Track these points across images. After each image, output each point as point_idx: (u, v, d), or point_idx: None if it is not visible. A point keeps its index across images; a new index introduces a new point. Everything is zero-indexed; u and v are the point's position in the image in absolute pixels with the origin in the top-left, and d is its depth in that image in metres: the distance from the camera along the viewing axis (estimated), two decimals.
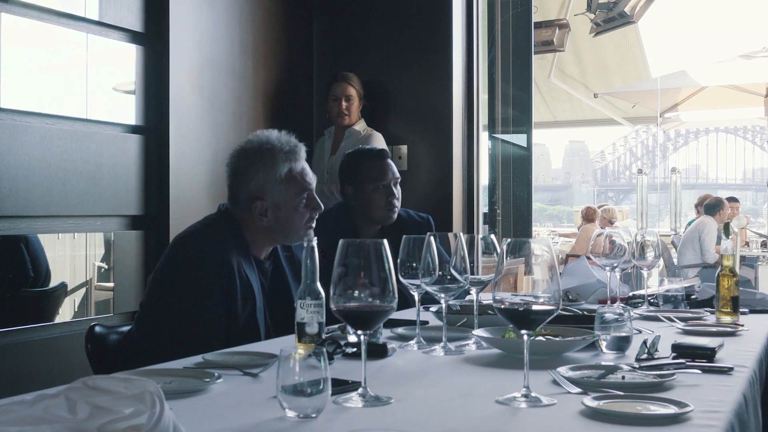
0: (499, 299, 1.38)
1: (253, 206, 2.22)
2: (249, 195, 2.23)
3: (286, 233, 2.26)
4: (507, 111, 5.04)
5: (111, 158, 3.20)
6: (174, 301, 2.10)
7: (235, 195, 2.27)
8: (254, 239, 2.25)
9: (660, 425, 1.23)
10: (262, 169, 2.22)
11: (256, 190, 2.22)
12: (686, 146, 42.99)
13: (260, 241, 2.27)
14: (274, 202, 2.22)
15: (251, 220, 2.23)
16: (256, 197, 2.22)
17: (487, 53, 4.73)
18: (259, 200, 2.22)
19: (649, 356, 1.73)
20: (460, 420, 1.28)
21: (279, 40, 4.15)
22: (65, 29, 3.07)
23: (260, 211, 2.22)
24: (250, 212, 2.23)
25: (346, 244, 1.33)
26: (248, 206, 2.23)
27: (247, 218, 2.24)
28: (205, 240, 2.18)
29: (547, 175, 45.02)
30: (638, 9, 8.94)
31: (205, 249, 2.14)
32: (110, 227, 3.26)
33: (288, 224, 2.23)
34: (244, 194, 2.24)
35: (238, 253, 2.16)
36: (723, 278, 2.43)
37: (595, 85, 12.22)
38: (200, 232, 2.23)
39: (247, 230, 2.24)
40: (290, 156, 2.25)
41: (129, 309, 3.27)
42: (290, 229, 2.25)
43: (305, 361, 1.25)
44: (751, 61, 9.86)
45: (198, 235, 2.22)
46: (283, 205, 2.23)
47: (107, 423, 0.91)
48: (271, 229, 2.24)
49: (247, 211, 2.24)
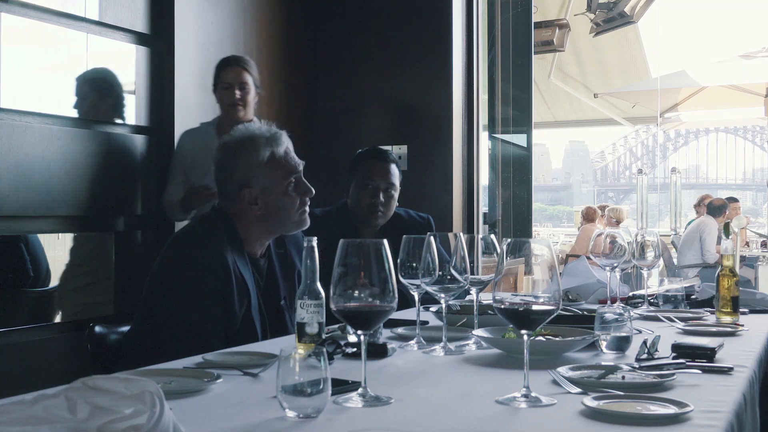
0: (499, 299, 1.38)
1: (241, 196, 2.21)
2: (236, 185, 2.22)
3: (280, 219, 2.24)
4: (507, 111, 5.05)
5: (112, 158, 3.20)
6: (172, 301, 2.10)
7: (223, 189, 2.26)
8: (249, 234, 2.23)
9: (660, 425, 1.23)
10: (244, 157, 2.21)
11: (242, 178, 2.21)
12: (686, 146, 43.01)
13: (255, 235, 2.25)
14: (262, 187, 2.21)
15: (243, 213, 2.22)
16: (243, 185, 2.21)
17: (487, 53, 4.73)
18: (246, 188, 2.21)
19: (649, 356, 1.73)
20: (460, 420, 1.28)
21: (281, 42, 4.16)
22: (65, 29, 3.07)
23: (249, 199, 2.21)
24: (241, 203, 2.21)
25: (346, 244, 1.33)
26: (237, 197, 2.22)
27: (239, 211, 2.22)
28: (201, 238, 2.17)
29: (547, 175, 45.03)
30: (638, 9, 8.95)
31: (201, 247, 2.14)
32: (111, 227, 3.26)
33: (280, 209, 2.22)
34: (231, 186, 2.23)
35: (232, 250, 2.16)
36: (723, 278, 2.43)
37: (595, 85, 12.22)
38: (195, 230, 2.24)
39: (240, 225, 2.22)
40: (271, 141, 2.24)
41: (129, 309, 3.27)
42: (283, 215, 2.23)
43: (305, 361, 1.25)
44: (751, 61, 9.86)
45: (193, 234, 2.22)
46: (271, 189, 2.21)
47: (107, 423, 0.91)
48: (264, 217, 2.22)
49: (237, 203, 2.22)
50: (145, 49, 3.39)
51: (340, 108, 4.37)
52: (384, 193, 2.94)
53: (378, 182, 2.94)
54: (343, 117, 4.37)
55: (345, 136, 4.27)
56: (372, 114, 4.31)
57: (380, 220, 2.97)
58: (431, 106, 4.19)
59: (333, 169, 3.55)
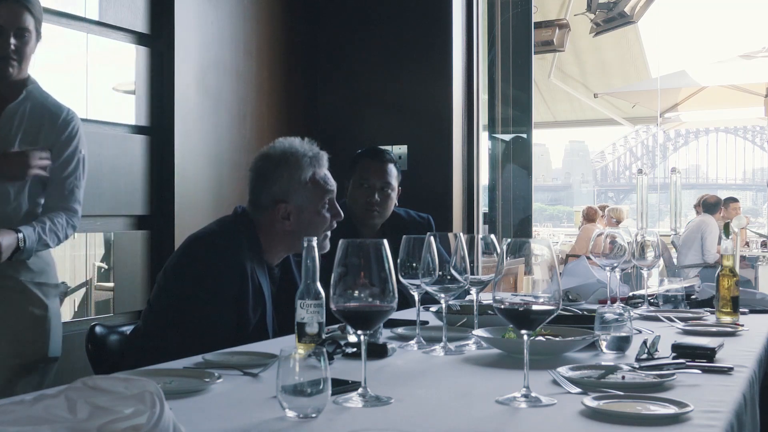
0: (499, 299, 1.38)
1: (276, 210, 2.22)
2: (272, 198, 2.23)
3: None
4: (507, 111, 5.04)
5: (112, 158, 3.20)
6: (183, 302, 2.10)
7: (257, 198, 2.26)
8: (270, 245, 2.24)
9: (660, 425, 1.23)
10: (287, 173, 2.23)
11: (281, 193, 2.22)
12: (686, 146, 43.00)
13: (277, 248, 2.26)
14: (298, 205, 2.23)
15: (271, 225, 2.23)
16: (280, 200, 2.22)
17: (487, 53, 4.73)
18: (282, 203, 2.22)
19: (649, 356, 1.73)
20: (460, 420, 1.28)
21: (282, 42, 4.16)
22: (65, 29, 3.07)
23: (283, 214, 2.22)
24: (272, 216, 2.22)
25: (346, 244, 1.33)
26: (270, 210, 2.22)
27: (267, 222, 2.23)
28: (220, 243, 2.17)
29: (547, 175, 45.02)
30: (638, 9, 8.95)
31: (220, 252, 2.13)
32: (111, 227, 3.26)
33: (310, 228, 2.22)
34: (266, 197, 2.24)
35: (251, 257, 2.16)
36: (723, 278, 2.43)
37: (595, 85, 12.22)
38: (215, 234, 2.22)
39: (264, 235, 2.23)
40: (314, 161, 2.26)
41: (129, 309, 3.28)
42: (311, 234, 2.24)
43: (305, 361, 1.25)
44: (751, 61, 9.86)
45: (213, 238, 2.21)
46: (306, 208, 2.23)
47: (107, 423, 0.91)
48: (292, 233, 2.22)
49: (268, 215, 2.23)
50: (145, 49, 3.39)
51: (340, 108, 4.37)
52: (380, 193, 2.94)
53: (374, 181, 2.94)
54: (343, 117, 4.37)
55: (345, 136, 4.27)
56: (372, 114, 4.31)
57: (377, 219, 2.97)
58: (431, 106, 4.19)
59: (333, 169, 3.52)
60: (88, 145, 2.58)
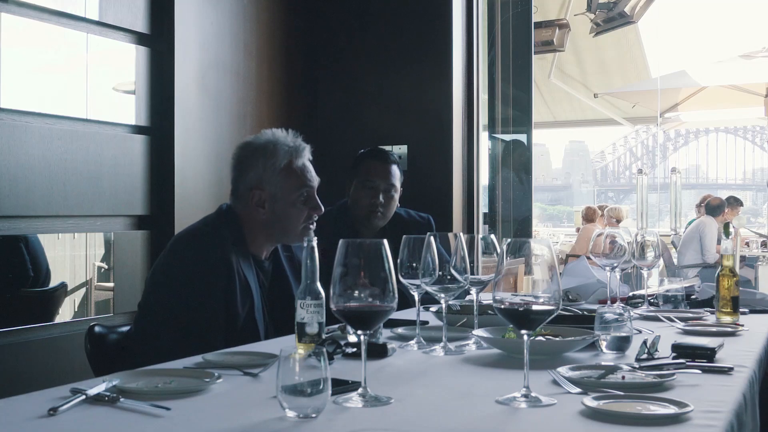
0: (499, 299, 1.38)
1: (251, 196, 2.23)
2: (248, 185, 2.24)
3: (283, 229, 2.26)
4: (507, 111, 5.05)
5: (112, 158, 3.20)
6: (173, 301, 2.10)
7: (236, 187, 2.29)
8: (253, 236, 2.25)
9: (660, 425, 1.23)
10: (262, 160, 2.24)
11: (255, 179, 2.24)
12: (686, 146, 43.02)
13: (258, 238, 2.26)
14: (272, 193, 2.23)
15: (250, 215, 2.24)
16: (254, 187, 2.23)
17: (487, 53, 4.73)
18: (257, 189, 2.23)
19: (649, 356, 1.73)
20: (460, 420, 1.28)
21: (282, 42, 4.15)
22: (65, 29, 3.07)
23: (258, 201, 2.23)
24: (249, 205, 2.23)
25: (346, 244, 1.33)
26: (247, 197, 2.24)
27: (247, 213, 2.25)
28: (204, 239, 2.18)
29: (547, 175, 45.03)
30: (638, 9, 8.95)
31: (204, 248, 2.14)
32: (111, 227, 3.26)
33: (285, 219, 2.23)
34: (243, 185, 2.26)
35: (236, 251, 2.17)
36: (723, 278, 2.44)
37: (595, 85, 12.23)
38: (198, 231, 2.24)
39: (246, 227, 2.24)
40: (292, 150, 2.26)
41: (129, 309, 3.27)
42: (287, 226, 2.25)
43: (305, 361, 1.25)
44: (751, 61, 9.87)
45: (196, 234, 2.23)
46: (280, 197, 2.23)
47: None
48: (268, 223, 2.24)
49: (246, 204, 2.24)
50: (145, 49, 3.39)
51: (340, 108, 4.37)
52: (384, 194, 2.94)
53: (378, 183, 2.94)
54: (343, 117, 4.36)
55: (345, 136, 4.27)
56: (372, 114, 4.31)
57: (380, 221, 2.97)
58: (431, 106, 4.19)
59: (333, 169, 3.54)
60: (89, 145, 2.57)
